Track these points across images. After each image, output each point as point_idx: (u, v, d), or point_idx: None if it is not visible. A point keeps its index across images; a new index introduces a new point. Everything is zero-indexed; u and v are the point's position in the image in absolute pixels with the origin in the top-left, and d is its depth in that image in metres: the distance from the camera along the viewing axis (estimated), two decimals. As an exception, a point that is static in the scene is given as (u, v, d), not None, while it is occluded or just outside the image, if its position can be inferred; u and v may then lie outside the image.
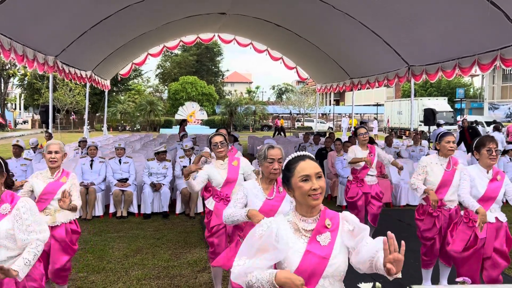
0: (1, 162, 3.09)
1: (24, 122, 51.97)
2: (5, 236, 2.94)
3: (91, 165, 8.67)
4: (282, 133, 31.37)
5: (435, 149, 5.04)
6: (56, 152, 4.18)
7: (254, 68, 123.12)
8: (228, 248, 3.52)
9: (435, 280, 5.18)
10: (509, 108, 40.73)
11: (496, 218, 4.17)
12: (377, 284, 1.85)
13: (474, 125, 17.38)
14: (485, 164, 4.17)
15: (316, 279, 2.07)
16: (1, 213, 2.97)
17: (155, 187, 8.50)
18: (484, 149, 4.12)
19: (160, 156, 8.77)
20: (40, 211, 4.13)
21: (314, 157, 2.24)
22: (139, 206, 8.58)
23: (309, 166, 2.15)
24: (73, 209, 4.10)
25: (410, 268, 5.47)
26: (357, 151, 6.44)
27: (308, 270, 2.07)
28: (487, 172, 4.18)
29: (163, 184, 8.62)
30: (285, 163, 2.26)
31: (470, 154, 10.50)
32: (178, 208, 8.69)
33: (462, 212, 4.36)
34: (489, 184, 4.14)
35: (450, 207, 4.88)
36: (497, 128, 16.73)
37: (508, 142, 13.45)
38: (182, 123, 17.69)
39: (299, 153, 2.24)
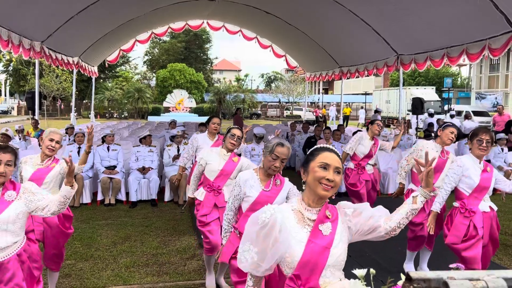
0: (16, 153, 3.20)
1: (9, 111, 51.19)
2: (13, 221, 3.05)
3: (78, 152, 8.60)
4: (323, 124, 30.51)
5: (436, 136, 5.17)
6: (57, 142, 4.22)
7: (243, 56, 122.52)
8: (229, 242, 3.51)
9: (415, 263, 5.29)
10: (496, 98, 41.15)
11: (490, 207, 4.28)
12: (371, 270, 1.86)
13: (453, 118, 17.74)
14: (476, 154, 4.26)
15: (320, 268, 2.08)
16: (7, 200, 3.06)
17: (144, 171, 8.48)
18: (475, 139, 4.22)
19: (147, 140, 8.76)
20: None
21: (340, 155, 2.28)
22: (127, 194, 8.55)
23: (332, 158, 2.18)
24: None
25: (398, 255, 5.54)
26: (364, 139, 6.53)
27: (311, 261, 2.07)
28: (479, 163, 4.26)
29: (152, 168, 8.61)
30: (312, 148, 2.29)
31: (456, 143, 10.65)
32: (167, 196, 8.68)
33: (455, 203, 4.42)
34: (482, 174, 4.23)
35: (438, 193, 4.98)
36: (467, 117, 17.38)
37: (495, 132, 13.60)
38: (237, 111, 17.55)
39: (328, 146, 2.28)
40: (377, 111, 19.23)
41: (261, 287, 2.27)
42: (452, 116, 19.02)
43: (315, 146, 2.30)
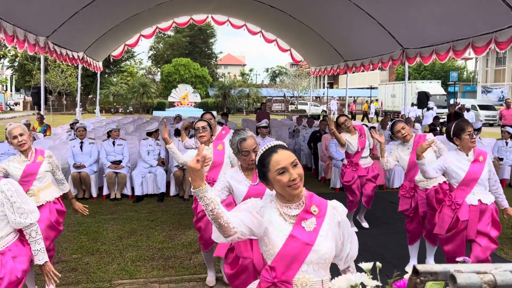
0: None
1: (16, 104, 51.52)
2: None
3: (81, 147, 8.62)
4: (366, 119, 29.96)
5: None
6: (21, 135, 4.12)
7: (247, 50, 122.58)
8: None
9: (422, 259, 5.29)
10: (502, 92, 40.91)
11: (479, 200, 4.13)
12: (378, 263, 1.86)
13: (460, 111, 17.60)
14: (466, 148, 4.15)
15: (298, 264, 2.05)
16: None
17: (163, 164, 8.66)
18: (464, 134, 4.08)
19: (156, 135, 8.79)
20: None
21: (285, 144, 2.20)
22: (132, 188, 8.57)
23: (283, 157, 2.09)
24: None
25: (401, 249, 5.54)
26: (347, 137, 6.46)
27: (290, 254, 2.05)
28: (467, 155, 4.15)
29: (164, 159, 8.73)
30: (257, 158, 2.19)
31: None
32: (172, 191, 8.70)
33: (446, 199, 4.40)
34: (471, 166, 4.12)
35: (426, 187, 4.96)
36: (466, 109, 17.52)
37: (502, 126, 13.52)
38: (261, 106, 17.03)
39: (269, 145, 2.17)
40: (429, 108, 18.72)
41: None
42: (468, 110, 18.88)
43: (259, 154, 2.18)
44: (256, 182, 3.31)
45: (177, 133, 9.26)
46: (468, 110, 18.95)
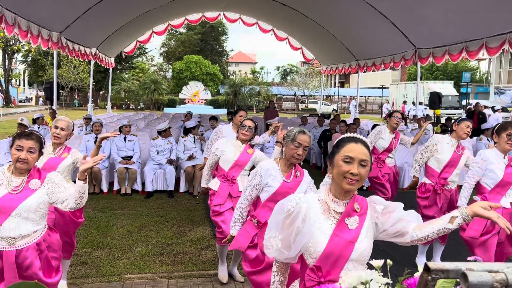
0: (41, 140, 3.18)
1: (29, 99, 52.01)
2: (35, 210, 3.06)
3: (95, 142, 8.67)
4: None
5: (451, 130, 5.11)
6: (62, 129, 4.19)
7: (259, 48, 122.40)
8: (243, 229, 3.52)
9: (429, 257, 5.28)
10: (515, 93, 40.44)
11: (511, 203, 4.23)
12: (388, 261, 1.85)
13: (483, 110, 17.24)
14: (502, 148, 4.22)
15: (343, 262, 2.06)
16: (31, 188, 3.07)
17: (172, 163, 8.64)
18: (504, 133, 4.17)
19: (167, 133, 8.79)
20: None
21: (368, 145, 2.19)
22: (143, 184, 8.62)
23: (357, 150, 2.09)
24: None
25: (411, 249, 5.51)
26: (384, 133, 6.51)
27: (335, 253, 2.05)
28: (504, 157, 4.21)
29: (174, 160, 8.74)
30: (338, 139, 2.22)
31: (474, 138, 10.47)
32: (182, 187, 8.74)
33: (475, 197, 4.37)
34: (506, 169, 4.19)
35: (452, 187, 5.07)
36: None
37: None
38: (270, 105, 16.59)
39: (355, 135, 2.19)
40: (495, 110, 18.38)
41: (286, 275, 2.24)
42: (494, 111, 18.59)
43: (342, 137, 2.22)
44: (289, 180, 3.36)
45: (186, 131, 9.25)
46: (494, 111, 18.62)
